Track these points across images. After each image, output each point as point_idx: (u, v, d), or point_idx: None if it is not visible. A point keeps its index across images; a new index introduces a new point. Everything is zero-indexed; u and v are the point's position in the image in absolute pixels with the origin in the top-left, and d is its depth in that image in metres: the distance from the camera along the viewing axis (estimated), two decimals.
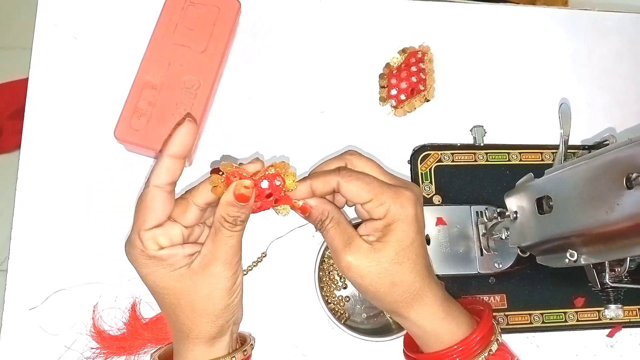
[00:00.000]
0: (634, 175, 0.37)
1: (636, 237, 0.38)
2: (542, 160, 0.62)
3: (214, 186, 0.39)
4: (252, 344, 0.46)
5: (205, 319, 0.40)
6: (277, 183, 0.39)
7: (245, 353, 0.44)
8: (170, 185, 0.39)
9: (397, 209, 0.40)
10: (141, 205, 0.39)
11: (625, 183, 0.38)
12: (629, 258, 0.42)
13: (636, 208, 0.37)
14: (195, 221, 0.41)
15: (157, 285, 0.40)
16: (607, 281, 0.44)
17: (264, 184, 0.39)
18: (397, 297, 0.41)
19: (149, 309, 0.53)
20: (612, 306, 0.47)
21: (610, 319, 0.57)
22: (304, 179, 0.41)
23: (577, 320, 0.58)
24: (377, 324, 0.56)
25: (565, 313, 0.58)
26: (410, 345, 0.48)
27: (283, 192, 0.40)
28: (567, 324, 0.58)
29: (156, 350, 0.48)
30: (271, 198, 0.40)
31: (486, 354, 0.42)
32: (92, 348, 0.51)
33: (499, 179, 0.60)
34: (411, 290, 0.41)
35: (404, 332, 0.52)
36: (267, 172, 0.39)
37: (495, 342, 0.43)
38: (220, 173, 0.38)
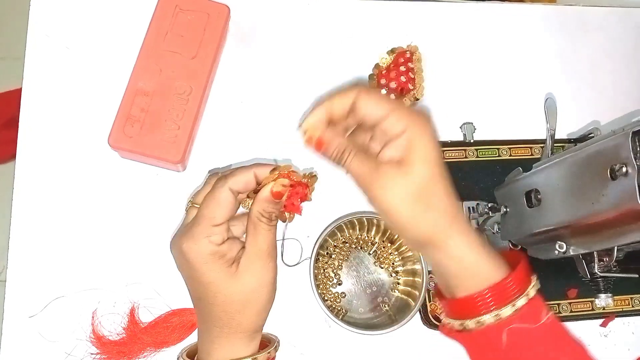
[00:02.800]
0: (618, 166, 0.38)
1: (621, 227, 0.39)
2: (532, 154, 0.62)
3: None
4: (276, 346, 0.47)
5: (254, 311, 0.42)
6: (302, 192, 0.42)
7: (269, 355, 0.45)
8: (239, 194, 0.41)
9: (417, 124, 0.38)
10: (214, 202, 0.40)
11: (610, 174, 0.39)
12: (616, 248, 0.43)
13: (620, 198, 0.38)
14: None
15: (211, 283, 0.41)
16: (597, 271, 0.45)
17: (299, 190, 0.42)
18: (434, 221, 0.38)
19: (148, 314, 0.53)
20: (602, 295, 0.48)
21: (603, 308, 0.58)
22: (319, 103, 0.39)
23: (571, 311, 0.59)
24: (374, 317, 0.57)
25: (559, 304, 0.59)
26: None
27: (299, 201, 0.42)
28: (561, 315, 0.59)
29: (184, 350, 0.48)
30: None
31: (524, 299, 0.39)
32: (92, 354, 0.51)
33: (489, 174, 0.61)
34: (448, 213, 0.39)
35: (403, 323, 0.53)
36: (301, 180, 0.42)
37: (533, 288, 0.40)
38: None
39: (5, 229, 0.54)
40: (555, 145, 0.55)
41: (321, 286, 0.56)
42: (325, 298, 0.56)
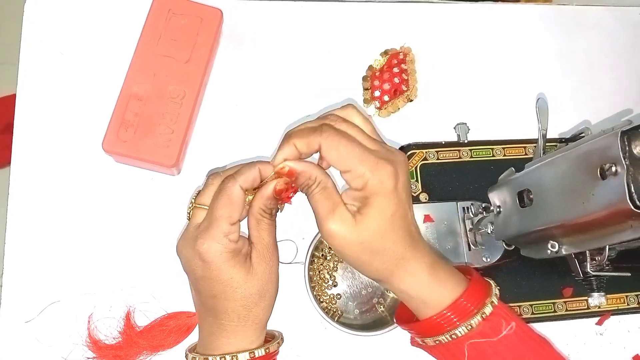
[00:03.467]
0: (607, 165, 0.38)
1: (612, 226, 0.39)
2: (526, 154, 0.63)
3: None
4: (282, 337, 0.48)
5: (268, 302, 0.44)
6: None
7: (278, 344, 0.46)
8: (248, 191, 0.42)
9: (376, 183, 0.39)
10: (228, 201, 0.41)
11: (600, 174, 0.39)
12: (608, 247, 0.43)
13: (610, 198, 0.38)
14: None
15: (232, 279, 0.42)
16: (589, 270, 0.46)
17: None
18: (378, 266, 0.41)
19: (143, 317, 0.53)
20: (595, 294, 0.48)
21: (597, 307, 0.58)
22: (288, 138, 0.40)
23: (566, 310, 0.59)
24: (370, 318, 0.57)
25: (554, 303, 0.59)
26: (403, 315, 0.48)
27: (292, 194, 0.43)
28: (556, 314, 0.59)
29: (191, 348, 0.48)
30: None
31: (479, 318, 0.41)
32: (88, 358, 0.52)
33: (483, 175, 0.61)
34: (392, 260, 0.41)
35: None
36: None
37: (490, 305, 0.41)
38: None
39: (1, 235, 0.54)
40: (547, 145, 0.55)
41: (316, 288, 0.57)
42: (321, 300, 0.57)
